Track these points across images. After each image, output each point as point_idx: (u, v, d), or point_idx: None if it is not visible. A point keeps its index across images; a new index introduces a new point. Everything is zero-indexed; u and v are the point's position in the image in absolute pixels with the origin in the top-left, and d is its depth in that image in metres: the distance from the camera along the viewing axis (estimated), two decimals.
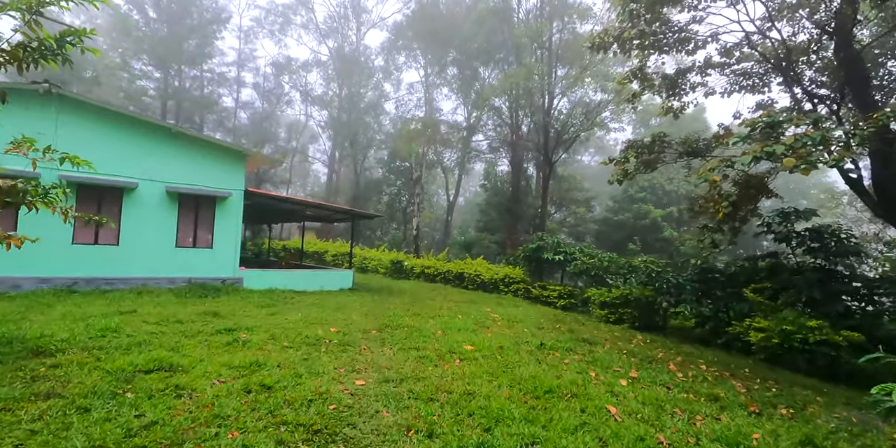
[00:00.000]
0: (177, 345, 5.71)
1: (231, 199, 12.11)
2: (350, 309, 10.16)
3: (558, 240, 15.51)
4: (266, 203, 13.99)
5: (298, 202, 13.63)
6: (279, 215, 17.83)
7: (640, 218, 25.42)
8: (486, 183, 34.36)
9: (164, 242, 11.18)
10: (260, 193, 12.66)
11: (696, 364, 7.74)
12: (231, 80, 40.89)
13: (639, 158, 10.76)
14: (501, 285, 17.39)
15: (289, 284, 12.84)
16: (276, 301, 10.56)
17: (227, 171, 12.16)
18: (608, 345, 8.56)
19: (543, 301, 15.44)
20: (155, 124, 11.18)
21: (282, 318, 8.40)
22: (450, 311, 11.19)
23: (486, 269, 18.76)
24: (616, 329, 11.12)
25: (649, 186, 26.77)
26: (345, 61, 38.39)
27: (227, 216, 12.10)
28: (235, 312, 8.68)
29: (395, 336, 7.38)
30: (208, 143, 11.89)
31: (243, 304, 9.82)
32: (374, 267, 24.04)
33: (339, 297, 12.16)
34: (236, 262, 12.17)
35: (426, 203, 40.94)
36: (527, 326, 9.70)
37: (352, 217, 15.03)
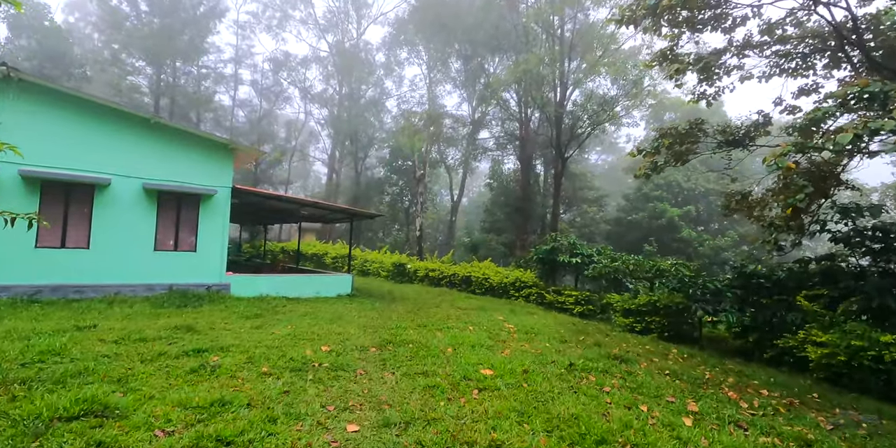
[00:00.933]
0: (127, 374, 4.63)
1: (217, 198, 11.06)
2: (347, 320, 9.08)
3: (574, 241, 14.40)
4: (257, 202, 12.93)
5: (292, 200, 12.57)
6: (273, 216, 16.78)
7: (655, 217, 24.23)
8: (492, 181, 33.26)
9: (141, 245, 10.12)
10: (249, 191, 11.61)
11: (753, 387, 6.61)
12: (228, 78, 39.95)
13: (671, 149, 9.64)
14: (512, 290, 16.28)
15: (281, 291, 11.78)
16: (264, 311, 9.49)
17: (213, 166, 11.11)
18: (644, 363, 7.44)
19: (558, 307, 14.32)
20: (131, 114, 10.14)
21: (267, 332, 7.32)
22: (458, 320, 10.09)
23: (494, 272, 17.66)
24: (645, 341, 9.98)
25: (665, 184, 25.58)
26: (345, 57, 37.40)
27: (213, 216, 11.05)
28: (215, 325, 7.60)
29: (398, 355, 6.29)
30: (191, 136, 10.84)
31: (226, 314, 8.75)
32: (375, 270, 22.97)
33: (335, 305, 11.08)
34: (223, 266, 11.11)
35: (429, 204, 39.87)
36: (548, 340, 8.58)
37: (350, 217, 13.98)
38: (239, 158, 12.28)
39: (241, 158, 12.32)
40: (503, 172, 29.51)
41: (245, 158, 12.22)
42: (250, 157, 11.94)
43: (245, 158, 12.22)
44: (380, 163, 41.09)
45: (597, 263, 13.47)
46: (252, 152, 11.51)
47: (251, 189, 11.63)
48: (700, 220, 25.18)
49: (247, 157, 12.07)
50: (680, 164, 10.35)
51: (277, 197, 11.97)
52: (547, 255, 14.45)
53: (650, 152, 9.59)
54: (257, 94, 41.81)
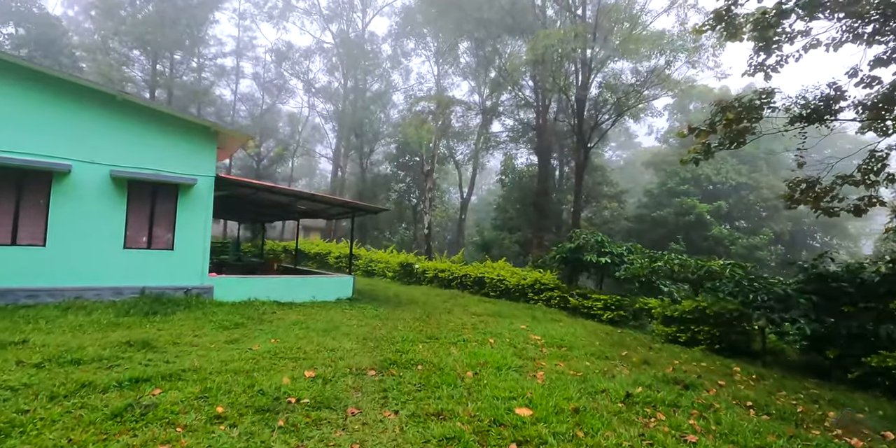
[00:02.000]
0: (12, 422, 3.27)
1: (197, 188, 9.74)
2: (344, 330, 7.70)
3: (602, 238, 12.92)
4: (247, 195, 11.62)
5: (285, 192, 11.23)
6: (269, 211, 15.49)
7: (682, 214, 22.60)
8: (504, 177, 31.79)
9: (107, 242, 8.83)
10: (236, 181, 10.29)
11: (866, 426, 5.11)
12: (229, 71, 38.84)
13: (730, 127, 8.12)
14: (530, 293, 14.83)
15: (273, 294, 10.45)
16: (247, 319, 8.15)
17: (192, 152, 9.79)
18: (713, 389, 5.98)
19: (584, 313, 12.85)
20: (95, 90, 8.84)
21: (243, 348, 5.96)
22: (475, 330, 8.69)
23: (510, 273, 16.21)
24: (696, 355, 8.49)
25: (692, 178, 23.92)
26: (350, 47, 36.13)
27: (193, 209, 9.73)
28: (180, 339, 6.26)
29: (404, 382, 4.90)
30: (166, 117, 9.53)
31: (200, 324, 7.42)
32: (381, 270, 21.63)
33: (332, 312, 9.72)
34: (204, 267, 9.80)
35: (437, 201, 38.47)
36: (585, 356, 7.14)
37: (351, 211, 12.61)
38: (225, 145, 10.97)
39: (227, 145, 11.00)
40: (516, 167, 28.00)
41: (232, 145, 10.91)
42: (237, 142, 10.62)
43: (232, 145, 10.91)
44: (386, 159, 39.80)
45: (629, 263, 11.98)
46: (237, 137, 10.19)
47: (238, 178, 10.32)
48: (731, 216, 23.51)
49: (233, 143, 10.75)
50: (735, 147, 8.82)
51: (268, 188, 10.64)
52: (571, 254, 12.99)
53: (704, 131, 8.08)
54: (259, 87, 40.66)
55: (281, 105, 42.61)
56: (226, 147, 11.23)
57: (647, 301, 12.76)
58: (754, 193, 23.18)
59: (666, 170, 24.84)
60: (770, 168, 25.34)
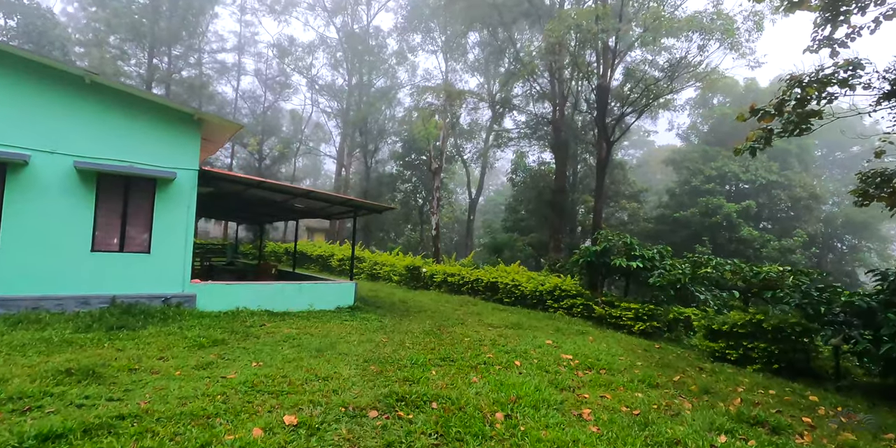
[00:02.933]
0: None
1: (178, 183, 8.65)
2: (342, 349, 6.56)
3: (631, 240, 11.69)
4: (236, 191, 10.52)
5: (278, 189, 10.11)
6: (264, 210, 14.40)
7: (707, 214, 21.25)
8: (514, 176, 30.58)
9: (72, 244, 7.76)
10: (223, 176, 9.18)
11: None
12: (230, 67, 38.01)
13: (801, 106, 6.87)
14: (549, 300, 13.62)
15: (265, 303, 9.35)
16: (230, 334, 7.03)
17: (173, 142, 8.71)
18: (804, 430, 4.75)
19: (613, 324, 11.62)
20: (59, 70, 7.78)
21: (214, 377, 4.84)
22: (495, 347, 7.52)
23: (527, 278, 15.01)
24: (758, 379, 7.24)
25: (718, 176, 22.54)
26: (354, 40, 35.15)
27: (173, 207, 8.64)
28: (140, 363, 5.15)
29: (415, 430, 3.73)
30: (143, 102, 8.45)
31: (172, 341, 6.30)
32: (386, 274, 20.50)
33: (331, 324, 8.59)
34: (186, 272, 8.70)
35: (445, 201, 37.32)
36: (633, 383, 5.94)
37: (353, 210, 11.48)
38: (213, 136, 9.88)
39: (215, 136, 9.92)
40: (528, 165, 26.78)
41: (220, 136, 9.81)
42: (225, 133, 9.52)
43: (220, 136, 9.81)
44: (392, 157, 38.75)
45: (664, 268, 10.75)
46: (225, 125, 9.08)
47: (224, 172, 9.22)
48: (761, 216, 22.13)
49: (222, 133, 9.65)
50: (798, 133, 7.56)
51: (259, 183, 9.53)
52: (597, 258, 11.76)
53: (769, 114, 6.85)
54: (261, 84, 39.79)
55: (283, 102, 41.74)
56: (214, 138, 10.15)
57: (681, 310, 11.55)
58: (786, 192, 21.80)
59: (689, 167, 23.54)
60: (802, 165, 23.96)
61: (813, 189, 22.28)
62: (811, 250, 19.38)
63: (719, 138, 25.31)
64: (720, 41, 13.79)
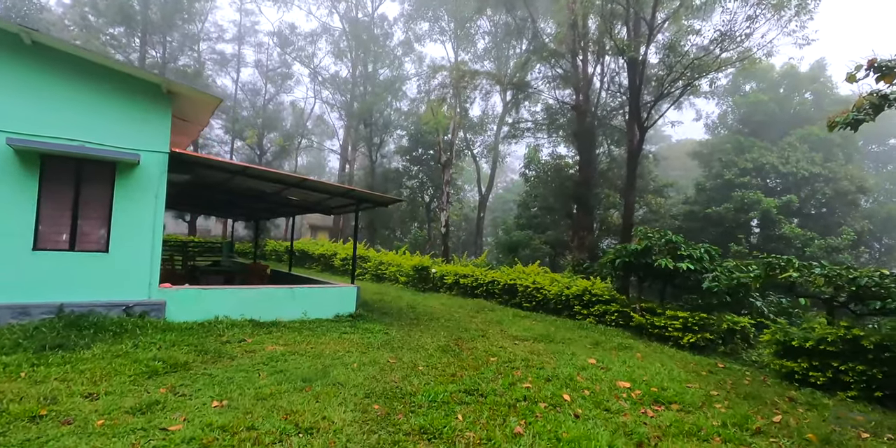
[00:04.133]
0: None
1: (144, 168, 7.23)
2: (337, 376, 5.11)
3: (677, 238, 10.14)
4: (218, 180, 9.09)
5: (266, 176, 8.66)
6: (252, 203, 12.98)
7: (743, 210, 19.56)
8: (527, 171, 28.98)
9: (7, 241, 6.36)
10: (200, 160, 7.74)
11: None
12: (229, 57, 36.69)
13: None
14: (577, 305, 12.10)
15: (249, 311, 7.94)
16: (198, 354, 5.61)
17: (137, 119, 7.30)
18: None
19: (655, 335, 10.08)
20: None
21: (150, 430, 3.42)
22: (530, 369, 6.05)
23: (550, 280, 13.49)
24: (875, 416, 5.68)
25: (754, 169, 20.82)
26: (358, 29, 33.72)
27: (137, 196, 7.23)
28: (52, 405, 3.75)
29: None
30: (99, 69, 7.05)
31: (117, 366, 4.89)
32: (392, 274, 19.08)
33: (327, 338, 7.15)
34: (154, 274, 7.29)
35: (453, 197, 35.81)
36: (724, 428, 4.43)
37: (355, 203, 10.02)
38: (190, 114, 8.46)
39: (193, 114, 8.50)
40: (545, 157, 25.19)
41: (198, 113, 8.38)
42: (204, 109, 8.08)
43: (198, 113, 8.38)
44: (398, 152, 37.31)
45: (720, 271, 9.20)
46: (201, 99, 7.65)
47: (202, 156, 7.76)
48: (804, 212, 20.37)
49: (200, 110, 8.22)
50: None
51: (242, 169, 8.08)
52: (636, 258, 10.22)
53: (891, 70, 5.29)
54: (262, 76, 38.46)
55: (285, 94, 40.37)
56: (191, 117, 8.73)
57: (735, 320, 9.98)
58: (830, 185, 20.05)
59: (721, 159, 21.85)
60: (845, 156, 22.15)
61: (862, 182, 20.48)
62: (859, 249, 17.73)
63: (753, 128, 23.59)
64: (772, 9, 12.11)
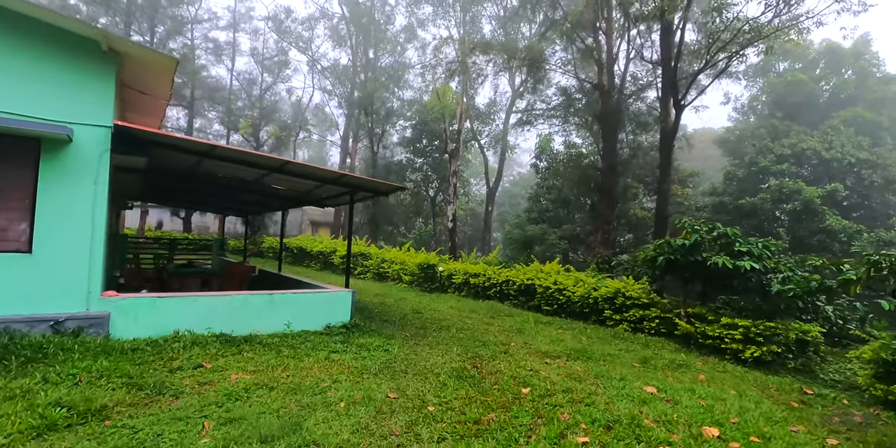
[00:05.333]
0: None
1: (78, 147, 5.75)
2: (313, 433, 3.60)
3: (732, 231, 8.56)
4: (183, 162, 7.58)
5: (242, 158, 7.12)
6: (234, 195, 11.49)
7: (782, 201, 17.86)
8: (538, 162, 27.38)
9: None
10: (155, 136, 6.21)
11: None
12: (223, 45, 35.17)
13: None
14: (608, 310, 10.58)
15: (219, 323, 6.50)
16: (128, 391, 4.16)
17: (68, 85, 5.82)
18: None
19: (707, 346, 8.53)
20: None
21: None
22: (576, 408, 4.55)
23: (573, 280, 11.96)
24: None
25: (793, 155, 19.08)
26: (358, 13, 32.09)
27: (71, 182, 5.76)
28: None
29: None
30: (8, 15, 5.53)
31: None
32: (395, 273, 17.61)
33: (310, 361, 5.66)
34: (94, 280, 5.83)
35: (460, 190, 34.25)
36: None
37: (350, 191, 8.48)
38: (141, 81, 6.95)
39: (144, 81, 6.99)
40: (566, 144, 23.55)
41: (153, 80, 6.87)
42: (158, 75, 6.56)
43: (153, 80, 6.87)
44: (401, 143, 35.78)
45: (791, 270, 7.63)
46: (155, 60, 6.14)
47: (158, 132, 6.21)
48: (852, 203, 18.57)
49: (153, 76, 6.69)
50: None
51: (210, 148, 6.56)
52: (685, 254, 8.65)
53: None
54: (258, 64, 36.95)
55: (283, 84, 38.85)
56: (150, 88, 7.24)
57: (805, 328, 8.41)
58: (879, 173, 18.31)
59: (755, 145, 20.15)
60: (894, 140, 20.29)
61: None
62: None
63: (789, 111, 21.81)
64: None
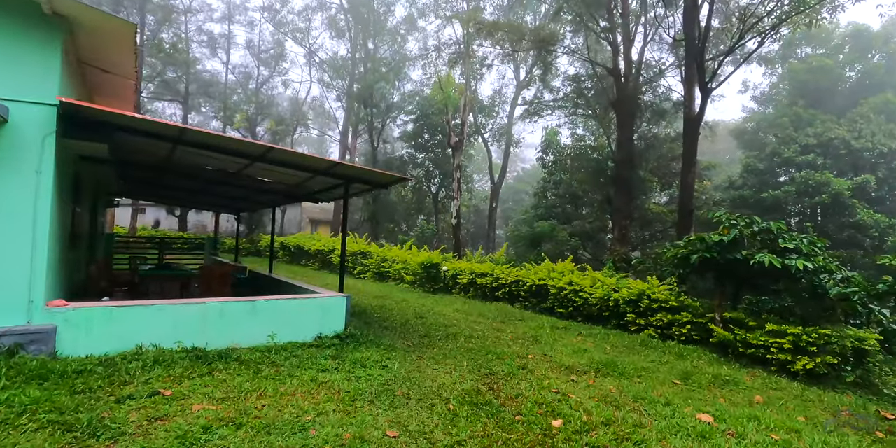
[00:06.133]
0: None
1: (15, 129, 4.85)
2: None
3: (777, 226, 7.60)
4: (154, 150, 6.65)
5: (215, 144, 6.17)
6: (222, 190, 10.56)
7: (808, 194, 16.83)
8: (544, 155, 26.37)
9: None
10: (113, 117, 5.27)
11: None
12: (217, 37, 34.23)
13: None
14: (631, 313, 9.64)
15: (190, 335, 5.63)
16: (54, 433, 3.20)
17: (0, 54, 4.88)
18: None
19: (749, 356, 7.58)
20: None
21: None
22: (623, 444, 3.59)
23: (591, 280, 11.02)
24: None
25: (819, 145, 18.03)
26: (357, 2, 31.07)
27: (5, 172, 4.83)
28: None
29: None
30: None
31: None
32: (396, 272, 16.70)
33: (292, 384, 4.74)
34: (37, 287, 4.92)
35: (463, 185, 33.28)
36: None
37: (344, 183, 7.53)
38: (96, 53, 6.03)
39: (100, 52, 6.06)
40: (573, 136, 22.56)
41: (112, 54, 5.95)
42: (116, 44, 5.64)
43: (112, 54, 5.95)
44: (402, 138, 34.82)
45: (844, 271, 6.66)
46: (108, 25, 5.22)
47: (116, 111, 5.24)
48: (884, 196, 17.50)
49: (110, 46, 5.77)
50: None
51: (179, 132, 5.61)
52: (722, 252, 7.69)
53: None
54: (254, 57, 36.01)
55: (279, 77, 37.88)
56: (110, 62, 6.31)
57: (861, 335, 7.45)
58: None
59: (777, 135, 19.10)
60: None
61: None
62: None
63: (813, 99, 20.73)
64: None
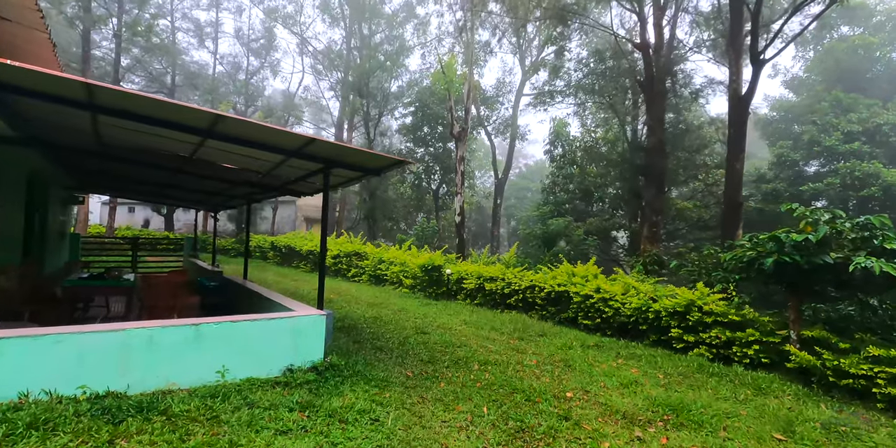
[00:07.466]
0: None
1: None
2: None
3: (883, 220, 6.04)
4: (73, 123, 5.05)
5: (147, 114, 4.57)
6: (179, 182, 8.92)
7: (854, 187, 15.23)
8: (552, 148, 24.83)
9: None
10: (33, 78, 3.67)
11: None
12: (204, 25, 32.60)
13: None
14: (675, 329, 8.03)
15: (101, 375, 4.04)
16: None
17: None
18: None
19: (842, 388, 6.00)
20: None
21: None
22: None
23: (622, 287, 9.42)
24: None
25: (865, 132, 16.40)
26: None
27: None
28: None
29: None
30: None
31: None
32: (394, 275, 15.09)
33: None
34: None
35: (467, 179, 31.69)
36: None
37: (324, 167, 5.92)
38: None
39: None
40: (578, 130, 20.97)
41: None
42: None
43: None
44: (400, 131, 33.28)
45: None
46: None
47: (34, 68, 3.65)
48: None
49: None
50: None
51: (88, 91, 4.02)
52: (805, 256, 6.11)
53: None
54: (243, 47, 34.36)
55: (270, 68, 36.22)
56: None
57: None
58: None
59: (817, 122, 17.52)
60: None
61: None
62: None
63: (851, 83, 19.16)
64: None
